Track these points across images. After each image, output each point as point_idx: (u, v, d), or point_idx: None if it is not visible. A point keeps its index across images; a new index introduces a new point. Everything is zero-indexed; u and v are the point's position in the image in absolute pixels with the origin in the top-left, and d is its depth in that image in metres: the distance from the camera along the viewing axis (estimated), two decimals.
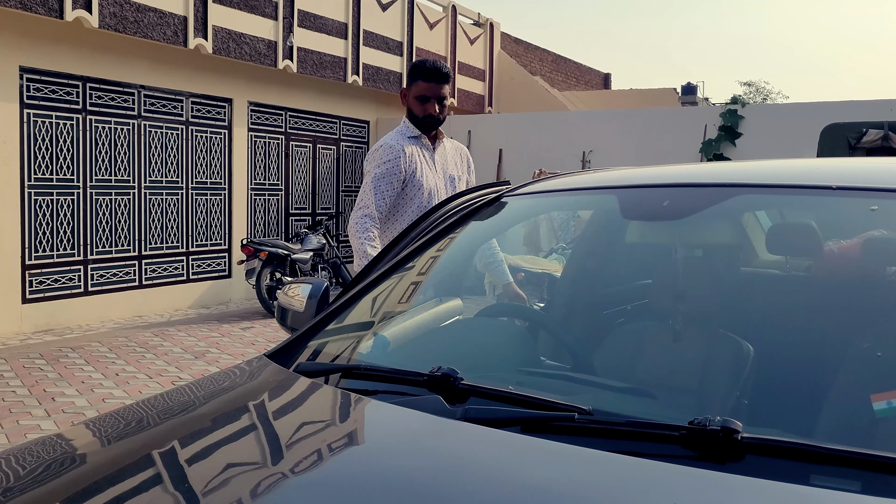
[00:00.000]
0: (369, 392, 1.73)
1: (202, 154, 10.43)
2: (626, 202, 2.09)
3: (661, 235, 2.08)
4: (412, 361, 1.92)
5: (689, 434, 1.32)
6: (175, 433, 1.63)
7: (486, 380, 1.68)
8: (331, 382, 1.79)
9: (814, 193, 1.85)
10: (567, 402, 1.48)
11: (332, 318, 2.15)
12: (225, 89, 10.64)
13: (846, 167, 2.11)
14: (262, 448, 1.50)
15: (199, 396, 1.86)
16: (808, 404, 1.59)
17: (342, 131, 13.00)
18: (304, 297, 2.25)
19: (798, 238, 2.12)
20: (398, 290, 2.29)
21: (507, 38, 18.23)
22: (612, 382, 1.72)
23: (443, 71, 3.55)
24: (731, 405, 1.66)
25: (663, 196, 2.01)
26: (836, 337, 1.75)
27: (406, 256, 2.29)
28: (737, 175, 2.05)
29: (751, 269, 2.81)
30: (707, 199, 1.94)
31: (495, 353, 1.94)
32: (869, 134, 5.95)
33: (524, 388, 1.58)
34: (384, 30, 12.85)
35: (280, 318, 2.33)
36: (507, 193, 2.45)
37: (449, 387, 1.59)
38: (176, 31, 9.27)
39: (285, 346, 2.07)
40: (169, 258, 10.09)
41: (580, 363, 1.92)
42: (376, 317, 2.22)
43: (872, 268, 2.04)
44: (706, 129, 11.50)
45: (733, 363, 1.70)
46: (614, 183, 2.18)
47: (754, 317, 1.92)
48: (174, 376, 6.63)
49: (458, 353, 1.94)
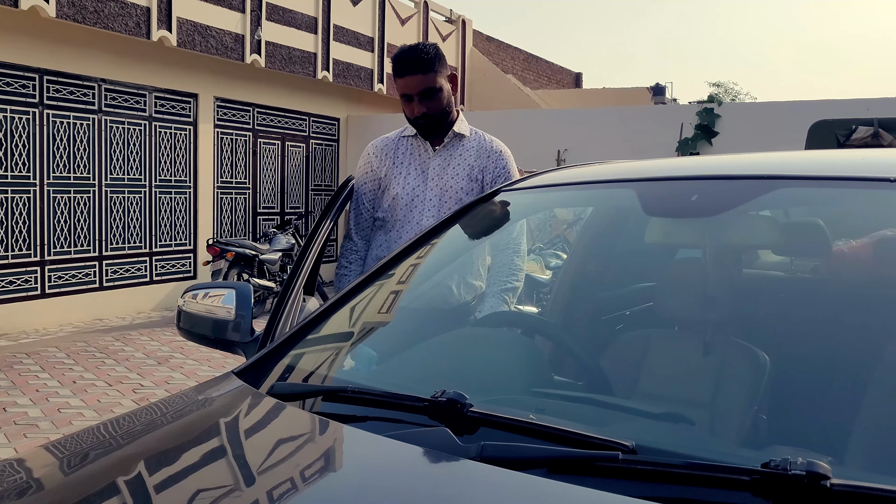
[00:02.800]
0: (357, 419, 1.46)
1: (166, 151, 10.04)
2: (647, 196, 1.83)
3: (688, 235, 1.83)
4: (407, 382, 1.65)
5: (763, 479, 1.06)
6: (128, 473, 1.35)
7: (498, 405, 1.42)
8: (310, 408, 1.52)
9: (868, 186, 1.61)
10: (601, 434, 1.22)
11: (308, 329, 1.87)
12: (190, 84, 10.25)
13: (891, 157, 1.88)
14: (227, 498, 1.22)
15: (154, 427, 1.57)
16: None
17: (312, 128, 12.66)
18: (232, 304, 1.97)
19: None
20: (386, 296, 2.01)
21: (480, 36, 18.00)
22: (646, 407, 1.47)
23: (420, 57, 2.71)
24: (799, 438, 1.41)
25: (691, 190, 1.76)
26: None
27: (395, 258, 2.02)
28: (774, 166, 1.80)
29: (754, 270, 2.59)
30: (743, 194, 1.70)
31: (502, 370, 1.67)
32: (858, 131, 5.78)
33: (546, 417, 1.32)
34: (355, 25, 12.53)
35: (189, 325, 2.06)
36: (506, 188, 2.19)
37: (456, 415, 1.33)
38: (138, 22, 8.89)
39: (256, 362, 1.79)
40: (131, 259, 9.69)
41: (602, 383, 1.66)
42: (360, 328, 1.95)
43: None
44: (682, 127, 11.35)
45: (795, 386, 1.46)
46: (632, 175, 1.93)
47: (813, 331, 1.67)
48: (135, 384, 6.28)
49: (459, 371, 1.67)
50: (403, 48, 2.78)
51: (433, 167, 2.83)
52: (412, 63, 2.71)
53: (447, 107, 2.80)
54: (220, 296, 2.16)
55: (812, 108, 9.61)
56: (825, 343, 1.79)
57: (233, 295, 2.13)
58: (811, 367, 1.78)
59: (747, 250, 1.93)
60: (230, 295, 2.13)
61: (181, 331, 2.20)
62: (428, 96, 2.73)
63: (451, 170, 2.83)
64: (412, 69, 2.71)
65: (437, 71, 2.74)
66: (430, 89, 2.73)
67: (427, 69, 2.71)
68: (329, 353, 1.84)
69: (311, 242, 2.52)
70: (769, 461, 1.07)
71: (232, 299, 2.12)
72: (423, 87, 2.72)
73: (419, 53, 2.72)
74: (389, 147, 2.90)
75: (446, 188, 2.81)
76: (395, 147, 2.90)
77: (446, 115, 2.80)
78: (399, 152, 2.89)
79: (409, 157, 2.87)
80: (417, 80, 2.72)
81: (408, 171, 2.85)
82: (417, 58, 2.71)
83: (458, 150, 2.86)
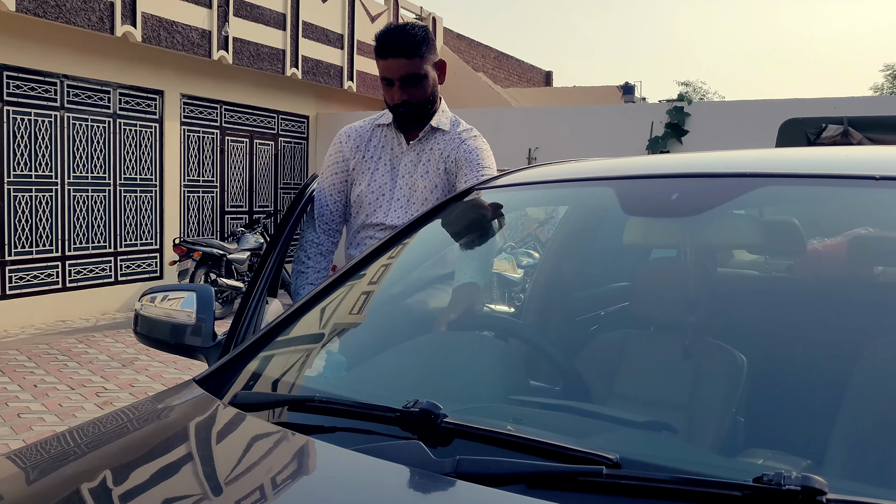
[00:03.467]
0: (325, 430, 1.38)
1: (131, 149, 9.84)
2: (625, 195, 1.77)
3: (668, 234, 1.77)
4: (379, 389, 1.57)
5: (755, 495, 1.00)
6: (76, 491, 1.26)
7: (474, 415, 1.35)
8: (275, 418, 1.44)
9: (854, 184, 1.56)
10: (583, 447, 1.15)
11: (274, 333, 1.79)
12: (156, 80, 10.06)
13: (878, 155, 1.84)
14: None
15: (109, 441, 1.48)
16: (890, 449, 1.29)
17: (281, 126, 12.50)
18: (193, 308, 1.89)
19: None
20: (356, 298, 1.93)
21: (450, 34, 17.93)
22: (627, 415, 1.40)
23: (406, 39, 2.44)
24: (782, 442, 1.36)
25: (671, 188, 1.70)
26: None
27: (366, 258, 1.94)
28: (756, 163, 1.75)
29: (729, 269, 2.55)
30: (725, 192, 1.64)
31: (478, 376, 1.60)
32: (828, 130, 5.79)
33: (524, 428, 1.25)
34: (324, 21, 12.40)
35: (147, 330, 1.98)
36: (480, 187, 2.12)
37: (429, 426, 1.25)
38: (102, 17, 8.69)
39: (218, 369, 1.70)
40: (95, 259, 9.48)
41: (580, 389, 1.59)
42: (330, 332, 1.86)
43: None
44: (652, 126, 11.37)
45: (775, 387, 1.41)
46: (610, 173, 1.86)
47: (792, 332, 1.63)
48: (98, 387, 6.13)
49: (433, 377, 1.60)
50: (389, 27, 2.54)
51: (404, 163, 2.62)
52: (397, 45, 2.46)
53: (431, 96, 2.57)
54: (179, 299, 2.07)
55: (781, 106, 9.67)
56: (805, 344, 1.75)
57: (193, 298, 2.05)
58: (791, 368, 1.75)
59: (729, 250, 1.88)
60: (190, 298, 2.05)
61: (138, 336, 2.12)
62: (411, 83, 2.49)
63: (422, 167, 2.61)
64: (396, 51, 2.46)
65: (424, 56, 2.49)
66: (415, 75, 2.48)
67: (412, 53, 2.46)
68: (296, 358, 1.76)
69: (276, 243, 2.43)
70: (762, 475, 1.02)
71: (192, 302, 2.03)
72: (406, 73, 2.47)
73: (405, 35, 2.46)
74: (363, 137, 2.68)
75: (415, 188, 2.59)
76: (368, 138, 2.68)
77: (429, 105, 2.57)
78: (371, 144, 2.67)
79: (381, 151, 2.66)
80: (401, 64, 2.47)
81: (376, 166, 2.64)
82: (403, 39, 2.46)
83: (433, 145, 2.61)
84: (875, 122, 6.07)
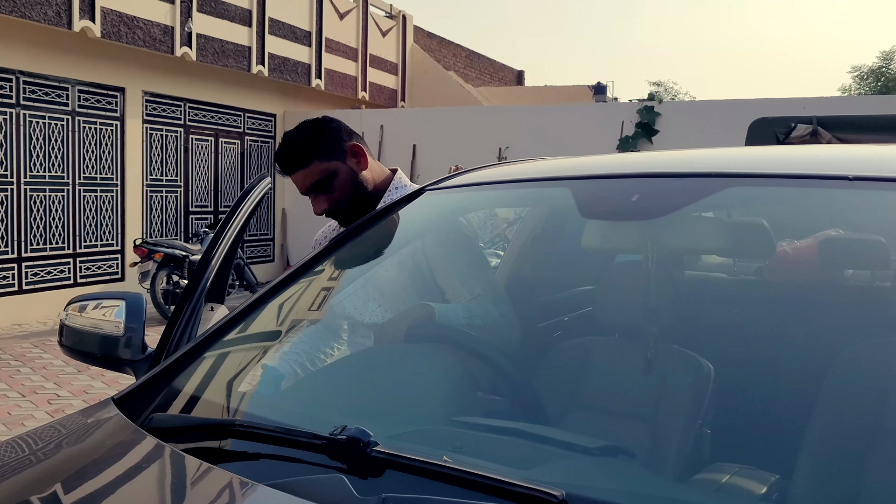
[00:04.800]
0: (249, 457, 1.25)
1: (91, 147, 9.58)
2: (583, 196, 1.64)
3: (628, 239, 1.64)
4: (312, 410, 1.43)
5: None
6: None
7: (409, 442, 1.21)
8: (191, 444, 1.29)
9: (825, 185, 1.45)
10: (526, 480, 1.02)
11: (204, 347, 1.64)
12: (116, 77, 9.80)
13: (850, 155, 1.73)
14: None
15: (12, 470, 1.32)
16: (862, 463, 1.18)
17: (247, 124, 12.28)
18: (122, 318, 1.74)
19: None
20: (294, 309, 1.79)
21: (421, 32, 17.78)
22: (581, 440, 1.27)
23: (291, 152, 2.21)
24: (758, 463, 1.25)
25: (632, 189, 1.58)
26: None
27: (304, 265, 1.80)
28: (722, 163, 1.63)
29: (696, 272, 2.44)
30: (689, 193, 1.52)
31: (421, 395, 1.46)
32: (798, 129, 5.74)
33: (462, 459, 1.12)
34: (291, 18, 12.19)
35: (72, 342, 1.83)
36: (431, 186, 1.98)
37: (357, 456, 1.11)
38: (59, 11, 8.43)
39: (140, 387, 1.55)
40: (53, 260, 9.21)
41: (533, 408, 1.46)
42: (264, 346, 1.72)
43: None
44: (623, 125, 11.32)
45: (749, 401, 1.30)
46: (566, 173, 1.73)
47: (769, 341, 1.52)
48: (51, 394, 5.91)
49: (371, 397, 1.46)
50: (282, 141, 2.29)
51: None
52: (287, 161, 2.22)
53: (355, 189, 2.24)
54: (108, 308, 1.92)
55: (751, 106, 9.66)
56: (774, 350, 1.66)
57: (123, 307, 1.89)
58: (760, 377, 1.66)
59: (695, 255, 1.76)
60: (121, 307, 1.89)
61: (64, 348, 1.96)
62: (321, 188, 2.21)
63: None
64: (290, 167, 2.23)
65: (322, 156, 2.22)
66: (320, 181, 2.21)
67: (306, 161, 2.20)
68: (226, 375, 1.61)
69: (216, 245, 2.27)
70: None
71: (122, 312, 1.88)
72: (310, 182, 2.21)
73: (292, 147, 2.22)
74: (331, 238, 2.36)
75: (386, 277, 2.16)
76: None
77: (361, 198, 2.24)
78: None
79: None
80: (301, 177, 2.22)
81: None
82: (291, 153, 2.21)
83: None
84: (844, 121, 6.03)
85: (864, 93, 31.66)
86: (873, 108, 9.20)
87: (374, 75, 14.59)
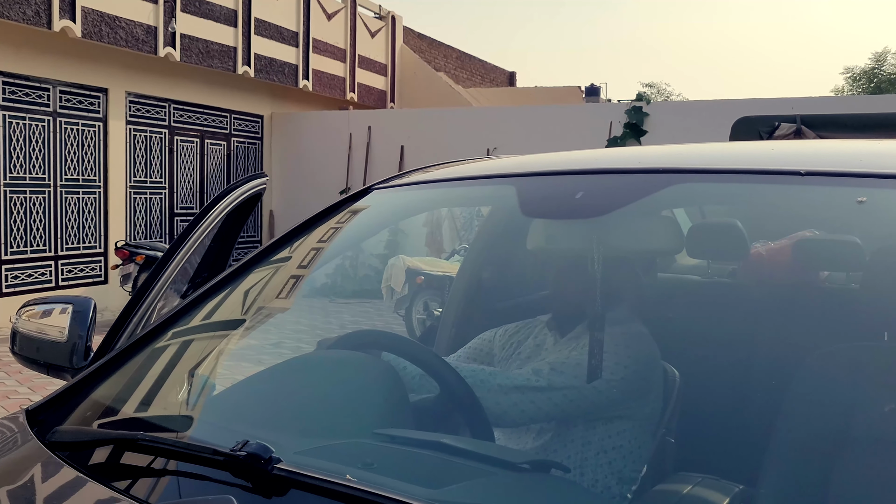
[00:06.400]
0: (155, 473, 1.16)
1: (73, 148, 9.47)
2: (526, 194, 1.56)
3: (572, 238, 1.56)
4: (228, 422, 1.35)
5: None
6: None
7: (318, 458, 1.12)
8: (94, 462, 1.20)
9: (777, 181, 1.37)
10: (433, 498, 0.94)
11: (130, 354, 1.55)
12: (99, 78, 9.69)
13: (808, 149, 1.65)
14: None
15: None
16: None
17: (233, 126, 12.17)
18: (66, 324, 1.66)
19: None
20: (229, 310, 1.70)
21: (411, 33, 17.69)
22: (509, 456, 1.19)
23: None
24: (722, 473, 1.17)
25: (576, 186, 1.49)
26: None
27: (242, 266, 1.71)
28: (671, 159, 1.54)
29: (670, 274, 2.37)
30: (634, 190, 1.44)
31: (346, 407, 1.37)
32: (781, 128, 5.68)
33: (370, 476, 1.03)
34: (278, 18, 12.09)
35: (19, 348, 1.74)
36: (379, 184, 1.90)
37: (258, 474, 1.03)
38: (38, 10, 8.32)
39: (51, 400, 1.46)
40: (34, 263, 9.10)
41: (474, 419, 1.38)
42: (191, 351, 1.63)
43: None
44: (611, 126, 11.25)
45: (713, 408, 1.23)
46: (511, 170, 1.65)
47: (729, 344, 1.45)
48: (24, 399, 5.82)
49: (292, 409, 1.37)
50: None
51: None
52: None
53: None
54: (55, 313, 1.84)
55: (739, 106, 9.60)
56: (738, 356, 1.61)
57: (69, 312, 1.81)
58: (724, 382, 1.61)
59: (643, 254, 1.68)
60: (67, 312, 1.81)
61: (16, 356, 1.88)
62: None
63: None
64: None
65: None
66: None
67: None
68: (147, 385, 1.52)
69: (179, 246, 2.15)
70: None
71: (67, 318, 1.79)
72: None
73: None
74: None
75: None
76: None
77: None
78: None
79: None
80: None
81: None
82: None
83: None
84: (828, 120, 5.97)
85: (857, 94, 31.64)
86: (861, 107, 9.15)
87: (362, 76, 14.49)
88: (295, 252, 1.80)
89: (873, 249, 1.46)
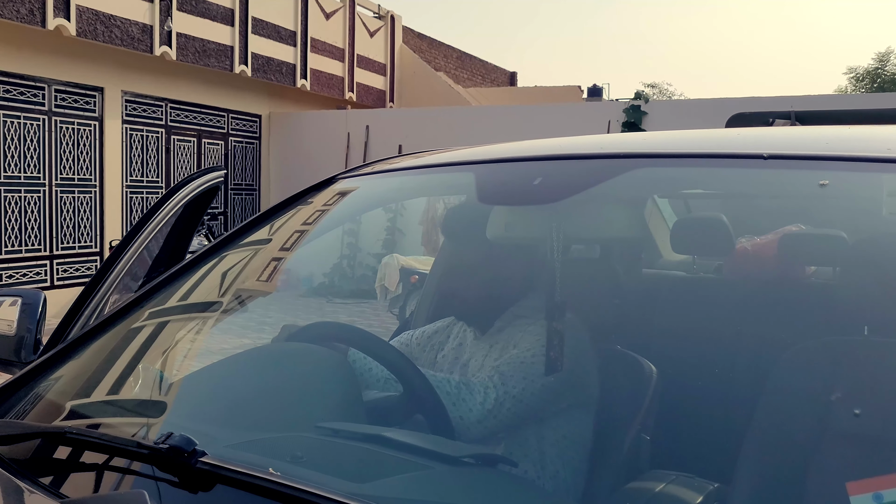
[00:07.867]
0: (84, 469, 1.12)
1: (68, 148, 9.44)
2: (484, 181, 1.51)
3: (531, 227, 1.51)
4: (157, 418, 1.30)
5: None
6: None
7: (245, 451, 1.08)
8: (21, 456, 1.16)
9: (738, 165, 1.32)
10: (357, 496, 0.89)
11: (76, 347, 1.50)
12: (94, 77, 9.66)
13: (776, 135, 1.60)
14: None
15: None
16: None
17: (231, 125, 12.14)
18: (14, 317, 1.61)
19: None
20: (185, 299, 1.65)
21: (410, 33, 17.66)
22: (447, 449, 1.14)
23: None
24: (698, 471, 1.14)
25: (534, 172, 1.45)
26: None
27: (203, 254, 1.66)
28: (633, 145, 1.50)
29: (655, 270, 2.33)
30: (593, 176, 1.39)
31: (292, 401, 1.33)
32: (776, 124, 5.61)
33: (297, 470, 0.98)
34: (275, 18, 12.05)
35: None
36: (344, 175, 1.85)
37: (181, 467, 0.98)
38: (32, 9, 8.30)
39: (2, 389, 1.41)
40: (29, 262, 9.07)
41: (433, 412, 1.33)
42: (145, 342, 1.58)
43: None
44: (609, 124, 11.20)
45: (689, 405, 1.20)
46: (470, 157, 1.60)
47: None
48: None
49: (236, 401, 1.32)
50: None
51: None
52: None
53: None
54: (3, 307, 1.79)
55: (737, 104, 9.53)
56: (716, 352, 1.57)
57: (17, 305, 1.76)
58: (701, 379, 1.57)
59: (607, 241, 1.64)
60: (16, 305, 1.76)
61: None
62: None
63: None
64: None
65: None
66: None
67: None
68: (94, 377, 1.48)
69: (129, 243, 2.12)
70: None
71: (16, 311, 1.75)
72: None
73: None
74: None
75: None
76: None
77: None
78: None
79: None
80: None
81: None
82: None
83: None
84: (824, 115, 5.89)
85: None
86: (860, 105, 9.10)
87: (361, 76, 14.45)
88: (256, 240, 1.75)
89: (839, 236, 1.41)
